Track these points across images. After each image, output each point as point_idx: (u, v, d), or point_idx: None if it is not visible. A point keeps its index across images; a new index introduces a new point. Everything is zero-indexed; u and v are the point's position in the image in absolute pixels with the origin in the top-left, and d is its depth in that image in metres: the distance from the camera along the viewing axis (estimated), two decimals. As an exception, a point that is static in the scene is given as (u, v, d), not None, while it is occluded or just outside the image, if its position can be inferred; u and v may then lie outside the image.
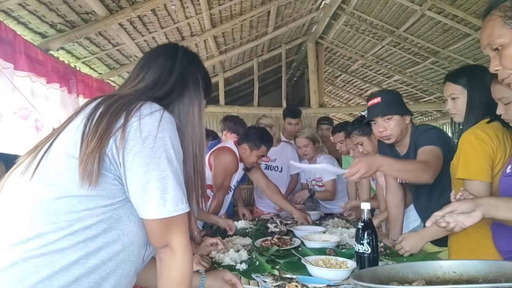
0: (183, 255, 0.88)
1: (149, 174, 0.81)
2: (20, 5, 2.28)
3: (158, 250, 0.89)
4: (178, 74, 1.00)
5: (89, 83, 3.15)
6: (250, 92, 6.47)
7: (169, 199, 0.83)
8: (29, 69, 2.19)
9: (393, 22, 5.03)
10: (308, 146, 3.13)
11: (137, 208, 0.84)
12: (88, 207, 0.80)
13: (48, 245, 0.77)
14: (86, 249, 0.79)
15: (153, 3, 2.98)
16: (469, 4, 4.19)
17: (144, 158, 0.81)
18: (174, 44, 1.09)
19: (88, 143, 0.80)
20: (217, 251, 1.80)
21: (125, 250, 0.84)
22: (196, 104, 1.00)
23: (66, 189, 0.80)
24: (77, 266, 0.78)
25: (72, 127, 0.85)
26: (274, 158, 3.38)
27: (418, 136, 1.87)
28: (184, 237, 0.88)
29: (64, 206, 0.79)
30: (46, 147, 0.85)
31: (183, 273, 0.88)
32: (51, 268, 0.76)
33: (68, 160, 0.81)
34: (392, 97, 1.96)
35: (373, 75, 6.91)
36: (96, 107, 0.86)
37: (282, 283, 1.29)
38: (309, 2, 4.76)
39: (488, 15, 1.00)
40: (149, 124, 0.83)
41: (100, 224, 0.80)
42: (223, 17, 4.02)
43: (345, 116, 8.44)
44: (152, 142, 0.82)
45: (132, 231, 0.85)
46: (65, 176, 0.80)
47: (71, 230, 0.78)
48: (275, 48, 5.93)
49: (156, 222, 0.83)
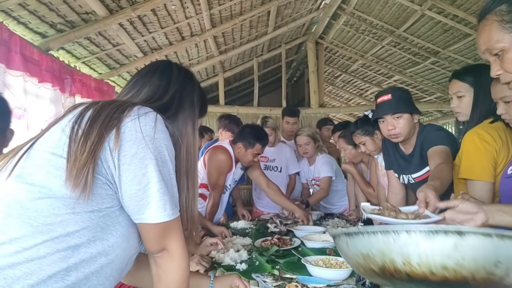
0: (181, 257, 0.87)
1: (148, 176, 0.77)
2: (20, 5, 2.28)
3: (154, 255, 0.86)
4: (173, 94, 0.95)
5: (87, 82, 3.14)
6: (250, 92, 6.47)
7: (168, 201, 0.80)
8: (23, 68, 2.17)
9: (393, 22, 5.03)
10: (309, 144, 3.13)
11: (132, 212, 0.79)
12: (73, 211, 0.72)
13: (23, 251, 0.68)
14: (66, 261, 0.71)
15: (153, 3, 2.98)
16: (469, 4, 4.19)
17: (142, 159, 0.77)
18: (168, 62, 1.04)
19: (80, 145, 0.74)
20: (217, 251, 1.80)
21: (109, 263, 0.78)
22: (190, 124, 0.96)
23: (48, 189, 0.72)
24: (55, 279, 0.70)
25: (58, 127, 0.80)
26: (273, 159, 3.38)
27: (425, 137, 1.83)
28: (181, 239, 0.86)
29: (45, 207, 0.71)
30: (27, 146, 0.79)
31: (182, 275, 0.87)
32: (26, 281, 0.67)
33: (54, 159, 0.75)
34: (402, 95, 1.90)
35: (373, 75, 6.91)
36: (85, 109, 0.81)
37: (282, 283, 1.29)
38: (309, 2, 4.76)
39: (483, 19, 0.99)
40: (145, 124, 0.79)
41: (84, 232, 0.73)
42: (223, 17, 4.02)
43: (345, 116, 8.45)
44: (150, 143, 0.78)
45: (118, 242, 0.79)
46: (48, 175, 0.74)
47: (51, 236, 0.70)
48: (275, 48, 5.93)
49: (155, 226, 0.80)
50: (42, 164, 0.75)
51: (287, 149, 3.41)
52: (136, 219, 0.81)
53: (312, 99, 5.76)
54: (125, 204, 0.79)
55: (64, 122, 0.80)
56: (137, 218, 0.80)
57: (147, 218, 0.79)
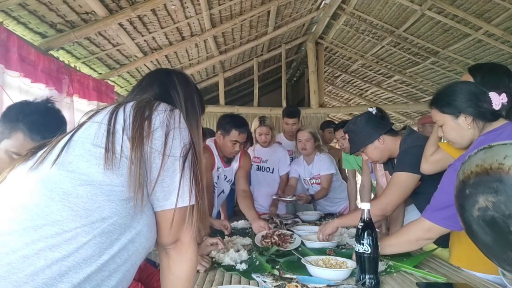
0: (193, 249, 0.93)
1: (175, 164, 0.85)
2: (20, 5, 2.28)
3: (167, 246, 0.91)
4: (177, 98, 1.02)
5: (85, 82, 3.11)
6: (250, 92, 6.47)
7: (189, 188, 0.88)
8: (20, 69, 2.16)
9: (393, 22, 5.03)
10: (309, 141, 3.14)
11: (158, 199, 0.86)
12: (109, 198, 0.78)
13: (63, 233, 0.73)
14: (100, 245, 0.76)
15: (153, 3, 2.98)
16: (469, 4, 4.19)
17: (170, 148, 0.85)
18: (166, 70, 1.12)
19: (117, 137, 0.82)
20: (217, 251, 1.80)
21: (132, 248, 0.83)
22: (194, 123, 1.01)
23: (87, 176, 0.78)
24: (89, 262, 0.75)
25: (94, 121, 0.87)
26: (266, 159, 3.38)
27: (400, 152, 1.89)
28: (192, 231, 0.91)
29: (85, 193, 0.77)
30: (66, 138, 0.84)
31: (192, 267, 0.93)
32: (63, 263, 0.72)
33: (93, 149, 0.81)
34: (355, 131, 1.99)
35: (373, 75, 6.91)
36: (118, 106, 0.89)
37: (282, 283, 1.29)
38: (309, 2, 4.76)
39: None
40: (171, 117, 0.88)
41: (117, 219, 0.79)
42: (223, 17, 4.02)
43: (345, 116, 8.45)
44: (177, 133, 0.87)
45: (143, 231, 0.85)
46: (88, 164, 0.79)
47: (89, 220, 0.76)
48: (275, 48, 5.93)
49: (178, 211, 0.86)
50: (82, 154, 0.81)
51: (281, 150, 3.42)
52: (161, 206, 0.86)
53: (312, 99, 5.76)
54: (155, 190, 0.85)
55: (99, 117, 0.87)
56: (162, 204, 0.86)
57: (171, 203, 0.86)
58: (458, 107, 1.43)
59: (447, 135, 1.50)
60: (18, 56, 2.14)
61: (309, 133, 3.15)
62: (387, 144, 1.94)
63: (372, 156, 2.00)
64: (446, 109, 1.47)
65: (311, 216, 2.90)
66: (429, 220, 1.41)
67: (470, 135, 1.43)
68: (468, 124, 1.42)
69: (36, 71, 2.36)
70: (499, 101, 1.36)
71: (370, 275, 1.32)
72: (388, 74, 6.58)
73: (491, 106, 1.37)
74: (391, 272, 1.52)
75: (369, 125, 1.95)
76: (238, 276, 1.52)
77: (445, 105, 1.47)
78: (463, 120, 1.43)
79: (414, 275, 1.49)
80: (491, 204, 0.80)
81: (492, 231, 0.80)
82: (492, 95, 1.37)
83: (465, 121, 1.42)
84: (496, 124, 1.39)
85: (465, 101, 1.42)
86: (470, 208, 0.84)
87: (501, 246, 0.79)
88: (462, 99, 1.43)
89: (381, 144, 1.94)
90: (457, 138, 1.47)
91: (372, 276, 1.33)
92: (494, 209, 0.79)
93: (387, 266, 1.56)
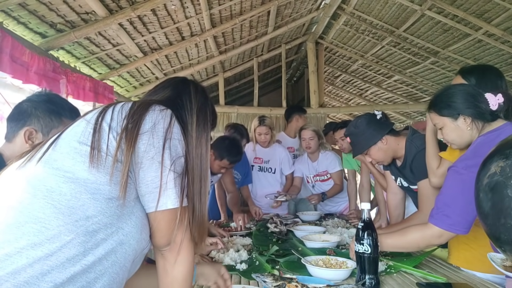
0: (188, 250, 0.91)
1: (165, 164, 0.84)
2: (20, 5, 2.28)
3: (162, 248, 0.89)
4: (190, 107, 1.01)
5: (81, 83, 3.07)
6: (250, 92, 6.47)
7: (181, 190, 0.86)
8: (9, 70, 2.14)
9: (393, 22, 5.03)
10: (313, 139, 3.17)
11: (148, 200, 0.84)
12: (94, 196, 0.77)
13: (45, 231, 0.72)
14: (84, 245, 0.74)
15: (153, 3, 2.98)
16: (469, 4, 4.19)
17: (159, 148, 0.84)
18: (184, 78, 1.12)
19: (102, 135, 0.81)
20: (217, 251, 1.80)
21: (120, 250, 0.81)
22: (204, 137, 1.00)
23: (72, 173, 0.77)
24: (73, 262, 0.73)
25: (83, 120, 0.86)
26: (267, 160, 3.39)
27: (414, 158, 1.87)
28: (188, 233, 0.90)
29: (68, 191, 0.76)
30: (55, 137, 0.84)
31: (188, 268, 0.91)
32: (46, 262, 0.71)
33: (79, 146, 0.80)
34: (356, 134, 1.98)
35: (373, 75, 6.91)
36: (109, 105, 0.89)
37: (282, 283, 1.29)
38: (309, 2, 4.76)
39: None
40: (162, 118, 0.87)
41: (102, 218, 0.77)
42: (223, 17, 4.02)
43: (345, 116, 8.45)
44: (168, 134, 0.86)
45: (131, 232, 0.82)
46: (73, 161, 0.79)
47: (72, 219, 0.74)
48: (275, 48, 5.93)
49: (169, 213, 0.84)
50: (68, 151, 0.80)
51: (281, 149, 3.43)
52: (151, 207, 0.84)
53: (312, 99, 5.76)
54: (142, 191, 0.84)
55: (89, 116, 0.86)
56: (153, 206, 0.84)
57: (162, 204, 0.84)
58: (457, 109, 1.44)
59: (447, 137, 1.51)
60: (10, 57, 2.11)
61: (313, 131, 3.17)
62: (390, 145, 1.94)
63: (376, 157, 1.97)
64: (445, 111, 1.47)
65: (311, 216, 2.90)
66: (439, 226, 1.36)
67: (469, 136, 1.43)
68: (468, 125, 1.42)
69: (29, 72, 2.32)
70: (496, 101, 1.37)
71: (370, 275, 1.33)
72: (388, 74, 6.57)
73: (489, 106, 1.38)
74: (391, 272, 1.52)
75: (371, 126, 1.94)
76: (238, 276, 1.52)
77: (444, 107, 1.47)
78: (462, 122, 1.43)
79: (414, 275, 1.49)
80: (499, 169, 0.78)
81: (492, 195, 0.79)
82: (488, 96, 1.38)
83: (464, 122, 1.43)
84: (495, 124, 1.39)
85: (463, 102, 1.42)
86: (482, 177, 0.83)
87: (496, 212, 0.77)
88: (460, 100, 1.43)
89: (384, 145, 1.93)
90: (457, 139, 1.48)
91: (372, 276, 1.33)
92: (501, 173, 0.78)
93: (387, 266, 1.56)
